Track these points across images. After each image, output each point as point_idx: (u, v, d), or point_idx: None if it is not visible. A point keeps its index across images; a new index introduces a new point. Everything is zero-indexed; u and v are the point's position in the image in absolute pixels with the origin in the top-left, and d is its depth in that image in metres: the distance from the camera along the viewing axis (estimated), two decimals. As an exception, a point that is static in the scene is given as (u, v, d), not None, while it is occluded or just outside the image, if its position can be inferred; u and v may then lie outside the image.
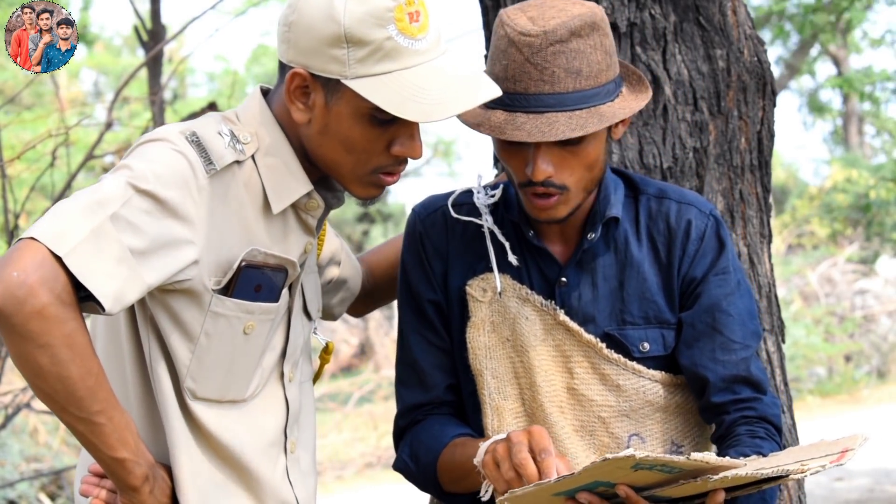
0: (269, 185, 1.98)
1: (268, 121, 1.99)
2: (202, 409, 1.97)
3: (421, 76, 1.90)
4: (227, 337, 1.95)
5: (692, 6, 2.69)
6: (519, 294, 2.22)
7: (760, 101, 2.75)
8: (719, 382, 2.18)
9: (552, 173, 2.07)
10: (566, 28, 2.03)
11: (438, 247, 2.28)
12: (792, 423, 2.75)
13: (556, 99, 2.03)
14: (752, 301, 2.24)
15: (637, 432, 2.22)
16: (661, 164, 2.64)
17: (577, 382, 2.21)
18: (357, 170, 1.97)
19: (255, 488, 2.03)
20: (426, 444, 2.25)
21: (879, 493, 8.06)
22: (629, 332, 2.21)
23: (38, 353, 1.72)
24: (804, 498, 2.74)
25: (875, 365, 13.99)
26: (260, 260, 1.95)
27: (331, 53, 1.89)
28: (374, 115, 1.91)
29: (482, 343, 2.23)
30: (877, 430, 10.45)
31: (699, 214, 2.23)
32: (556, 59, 2.03)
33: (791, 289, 14.30)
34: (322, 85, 1.92)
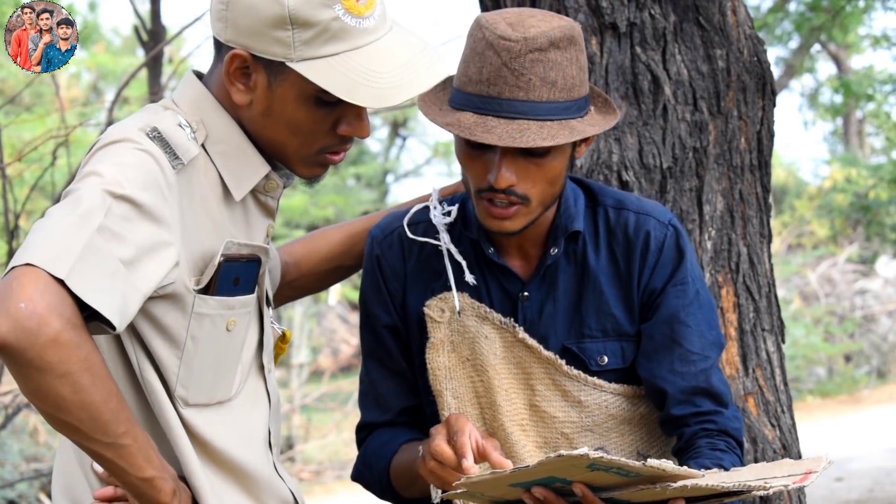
0: (225, 172, 1.90)
1: (211, 106, 1.90)
2: (193, 415, 1.90)
3: (371, 58, 1.83)
4: (212, 337, 1.88)
5: (692, 6, 2.69)
6: (478, 313, 2.20)
7: (760, 101, 2.75)
8: (678, 394, 2.15)
9: (515, 182, 2.04)
10: (546, 37, 2.01)
11: (395, 269, 2.25)
12: (792, 423, 2.75)
13: (530, 107, 2.01)
14: (712, 311, 2.22)
15: (601, 446, 2.20)
16: (660, 164, 2.64)
17: (539, 399, 2.19)
18: (302, 151, 1.90)
19: (254, 489, 1.98)
20: (377, 451, 2.25)
21: (879, 493, 8.06)
22: (587, 346, 2.19)
23: (59, 383, 1.62)
24: (804, 498, 2.74)
25: (875, 365, 13.99)
26: (235, 252, 1.87)
27: (274, 35, 1.81)
28: (320, 97, 1.84)
29: (442, 364, 2.21)
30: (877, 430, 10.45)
31: (658, 225, 2.20)
32: (534, 67, 2.01)
33: (791, 289, 14.29)
34: (264, 66, 1.84)
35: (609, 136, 2.64)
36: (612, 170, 2.62)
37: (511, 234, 2.10)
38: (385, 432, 2.27)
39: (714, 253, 2.66)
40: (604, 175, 2.62)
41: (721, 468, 2.02)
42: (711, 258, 2.66)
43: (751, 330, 2.69)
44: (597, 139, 2.63)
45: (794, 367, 12.66)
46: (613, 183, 2.62)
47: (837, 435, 10.38)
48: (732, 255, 2.68)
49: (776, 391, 2.71)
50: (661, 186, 2.64)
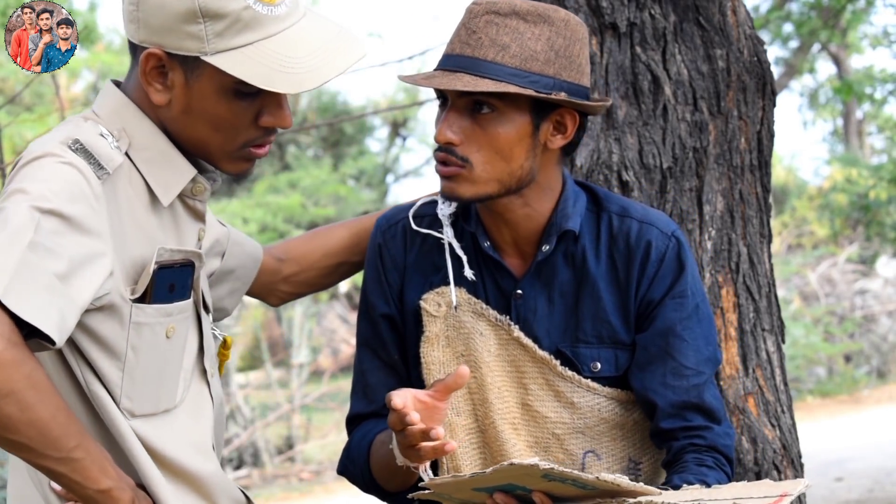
0: (151, 178, 1.87)
1: (131, 113, 1.88)
2: (141, 426, 1.86)
3: (285, 44, 1.82)
4: (152, 346, 1.86)
5: (692, 6, 2.69)
6: (474, 308, 2.19)
7: (760, 101, 2.75)
8: (668, 408, 2.14)
9: (455, 140, 2.06)
10: (510, 5, 2.05)
11: (396, 260, 2.25)
12: (792, 423, 2.75)
13: (473, 63, 2.04)
14: (710, 326, 2.20)
15: (592, 449, 2.19)
16: (661, 164, 2.64)
17: (532, 399, 2.18)
18: (226, 146, 1.88)
19: (210, 494, 1.95)
20: (358, 444, 2.25)
21: (879, 493, 8.05)
22: (581, 351, 2.18)
23: (4, 403, 1.60)
24: (804, 498, 2.74)
25: (875, 365, 13.99)
26: (168, 258, 1.85)
27: (187, 30, 1.79)
28: (238, 89, 1.82)
29: (436, 358, 2.20)
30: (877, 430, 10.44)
31: (660, 235, 2.19)
32: (487, 28, 2.04)
33: (791, 289, 14.29)
34: (180, 63, 1.82)
35: (609, 136, 2.64)
36: (612, 170, 2.62)
37: (459, 200, 2.10)
38: (368, 423, 2.26)
39: (714, 253, 2.66)
40: (604, 175, 2.62)
41: (704, 484, 2.00)
42: (711, 258, 2.66)
43: (751, 330, 2.69)
44: (597, 139, 2.63)
45: (794, 367, 12.66)
46: (613, 183, 2.62)
47: (837, 435, 10.38)
48: (732, 255, 2.68)
49: (776, 391, 2.71)
50: (661, 186, 2.64)
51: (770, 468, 2.62)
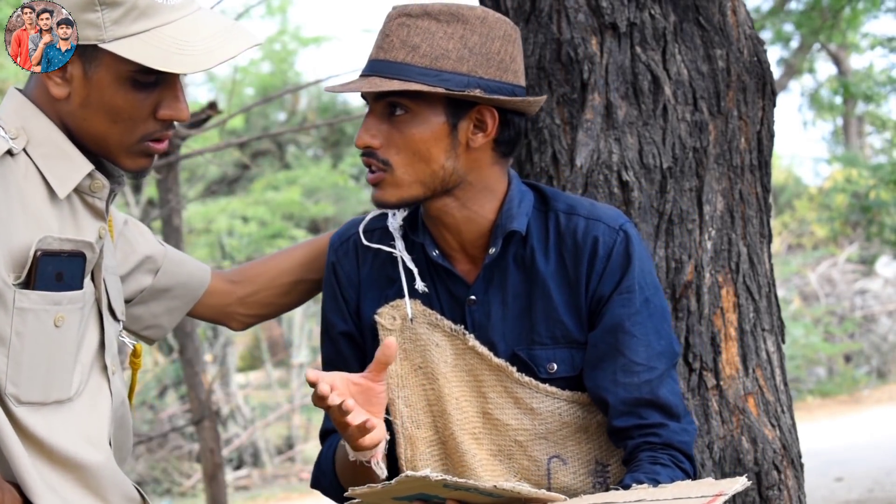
0: (47, 171, 1.90)
1: (29, 112, 1.92)
2: (28, 414, 1.86)
3: (181, 30, 1.86)
4: (38, 333, 1.85)
5: (692, 6, 2.69)
6: (429, 320, 2.18)
7: (760, 101, 2.75)
8: (620, 406, 2.11)
9: (373, 143, 2.07)
10: (422, 7, 2.06)
11: (350, 276, 2.25)
12: (792, 423, 2.75)
13: (385, 65, 2.05)
14: (662, 320, 2.18)
15: (557, 454, 2.17)
16: (660, 164, 2.64)
17: (492, 407, 2.17)
18: (125, 140, 1.91)
19: (97, 486, 1.93)
20: (326, 457, 2.25)
21: (879, 493, 8.06)
22: (537, 353, 2.16)
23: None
24: (804, 498, 2.74)
25: (875, 365, 14.00)
26: (55, 247, 1.86)
27: (84, 18, 1.83)
28: (136, 78, 1.86)
29: (393, 372, 2.18)
30: (877, 430, 10.45)
31: (607, 230, 2.17)
32: (399, 31, 2.06)
33: (791, 289, 14.30)
34: (79, 54, 1.85)
35: (609, 136, 2.64)
36: (612, 170, 2.62)
37: (384, 205, 2.11)
38: (334, 437, 2.27)
39: (714, 253, 2.66)
40: (604, 175, 2.62)
41: (655, 483, 1.98)
42: (711, 258, 2.66)
43: (751, 330, 2.69)
44: (597, 139, 2.63)
45: (794, 367, 12.66)
46: (613, 183, 2.62)
47: (837, 435, 10.38)
48: (732, 255, 2.68)
49: (776, 391, 2.71)
50: (661, 186, 2.64)
51: (770, 468, 2.62)
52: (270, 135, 6.72)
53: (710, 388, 2.62)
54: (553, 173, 2.66)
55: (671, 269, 2.62)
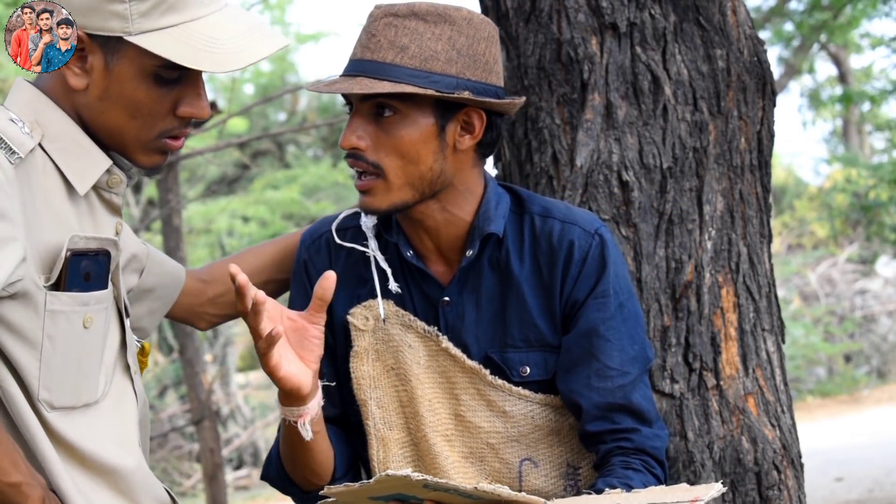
0: (66, 168, 1.84)
1: (44, 104, 1.85)
2: (59, 419, 1.81)
3: (210, 27, 1.80)
4: (69, 335, 1.81)
5: (692, 6, 2.69)
6: (402, 321, 2.16)
7: (760, 101, 2.75)
8: (593, 410, 2.10)
9: (360, 145, 2.04)
10: (409, 7, 2.04)
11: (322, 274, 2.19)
12: (792, 423, 2.75)
13: (372, 66, 2.02)
14: (637, 325, 2.17)
15: (529, 457, 2.16)
16: (661, 164, 2.64)
17: (464, 409, 2.15)
18: (142, 135, 1.85)
19: (129, 490, 1.89)
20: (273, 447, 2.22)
21: (879, 493, 8.06)
22: (510, 356, 2.14)
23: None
24: (804, 498, 2.74)
25: (875, 365, 14.00)
26: (83, 246, 1.81)
27: (111, 9, 1.77)
28: (159, 73, 1.81)
29: (366, 373, 2.17)
30: (877, 430, 10.45)
31: (583, 234, 2.16)
32: (386, 31, 2.03)
33: (791, 289, 14.30)
34: (101, 45, 1.80)
35: (609, 136, 2.64)
36: (612, 170, 2.62)
37: (376, 212, 2.09)
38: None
39: (714, 253, 2.66)
40: (604, 175, 2.62)
41: (628, 488, 1.98)
42: (711, 258, 2.66)
43: (751, 330, 2.69)
44: (597, 139, 2.63)
45: (794, 367, 12.66)
46: (613, 183, 2.62)
47: (837, 435, 10.38)
48: (732, 255, 2.68)
49: (776, 391, 2.71)
50: (661, 186, 2.64)
51: (770, 468, 2.62)
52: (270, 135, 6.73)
53: (710, 388, 2.62)
54: (553, 173, 2.65)
55: (671, 269, 2.62)
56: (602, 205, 2.62)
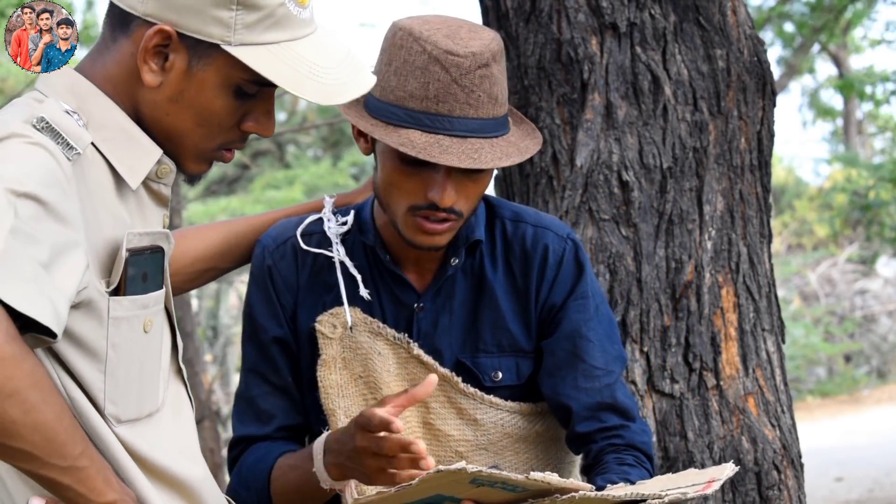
0: (115, 159, 1.71)
1: (87, 90, 1.72)
2: (126, 432, 1.69)
3: (311, 50, 1.71)
4: (132, 342, 1.70)
5: (692, 6, 2.69)
6: (370, 328, 2.13)
7: (760, 101, 2.76)
8: (583, 411, 2.10)
9: (456, 200, 2.01)
10: (489, 52, 1.98)
11: (288, 281, 2.17)
12: (792, 423, 2.75)
13: (479, 124, 1.98)
14: (612, 325, 2.18)
15: (496, 464, 2.14)
16: (661, 164, 2.64)
17: (433, 417, 2.14)
18: (202, 144, 1.75)
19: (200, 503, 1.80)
20: (253, 470, 2.15)
21: (879, 493, 8.06)
22: (482, 361, 2.14)
23: (7, 405, 1.43)
24: (804, 498, 2.74)
25: (875, 365, 14.01)
26: (137, 244, 1.68)
27: (215, 14, 1.66)
28: (242, 87, 1.71)
29: (333, 381, 2.13)
30: (877, 430, 10.45)
31: (556, 238, 2.15)
32: (482, 84, 1.97)
33: (791, 289, 14.30)
34: (188, 47, 1.68)
35: (609, 136, 2.64)
36: (612, 170, 2.62)
37: (439, 248, 2.06)
38: (261, 447, 2.17)
39: (714, 253, 2.66)
40: (604, 175, 2.62)
41: (628, 482, 1.98)
42: (711, 258, 2.66)
43: (751, 330, 2.69)
44: (597, 139, 2.63)
45: (794, 367, 12.67)
46: (613, 183, 2.62)
47: (837, 435, 10.38)
48: (732, 255, 2.69)
49: (776, 391, 2.71)
50: (661, 186, 2.64)
51: (770, 468, 2.62)
52: (270, 135, 6.73)
53: (710, 388, 2.63)
54: (553, 173, 2.66)
55: (671, 269, 2.62)
56: (602, 205, 2.62)
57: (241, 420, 2.21)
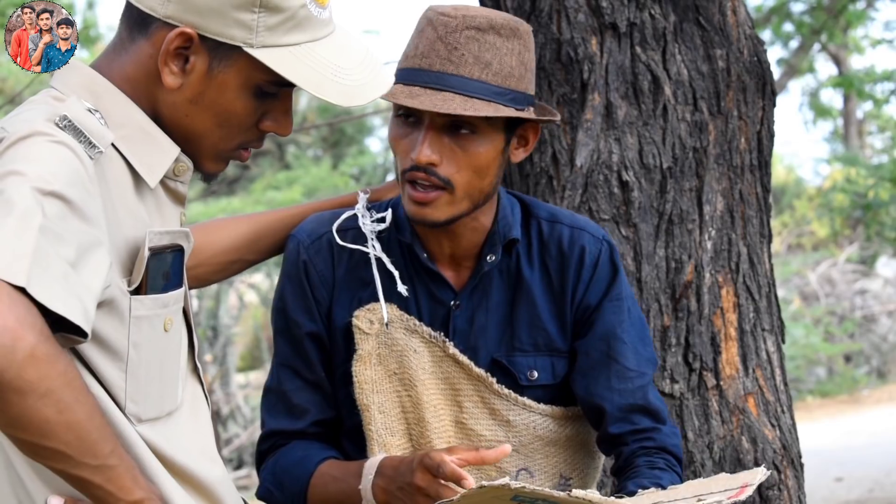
0: (133, 157, 1.71)
1: (104, 87, 1.72)
2: (147, 431, 1.70)
3: (332, 52, 1.72)
4: (152, 341, 1.70)
5: (692, 6, 2.69)
6: (407, 325, 2.13)
7: (760, 101, 2.76)
8: (616, 412, 2.11)
9: (437, 161, 2.00)
10: (487, 20, 2.00)
11: (324, 276, 2.16)
12: (792, 423, 2.75)
13: (459, 81, 1.98)
14: (643, 328, 2.19)
15: (525, 466, 2.15)
16: (660, 164, 2.64)
17: (466, 417, 2.14)
18: (221, 144, 1.76)
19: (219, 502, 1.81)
20: (291, 472, 2.15)
21: (879, 493, 8.06)
22: (518, 360, 2.14)
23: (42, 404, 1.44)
24: (804, 498, 2.74)
25: (875, 365, 14.00)
26: (157, 242, 1.69)
27: (237, 17, 1.66)
28: (262, 87, 1.71)
29: (368, 377, 2.13)
30: (877, 430, 10.45)
31: (592, 240, 2.16)
32: (469, 44, 1.99)
33: (791, 289, 14.30)
34: (209, 49, 1.68)
35: (609, 136, 2.64)
36: (612, 170, 2.63)
37: (434, 224, 2.05)
38: (297, 447, 2.17)
39: (714, 253, 2.66)
40: (604, 175, 2.62)
41: (659, 487, 1.98)
42: (711, 258, 2.66)
43: (751, 330, 2.69)
44: (597, 139, 2.63)
45: (794, 367, 12.66)
46: (613, 183, 2.62)
47: (837, 435, 10.38)
48: (732, 255, 2.69)
49: (776, 391, 2.71)
50: (661, 186, 2.64)
51: (770, 468, 2.62)
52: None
53: (710, 388, 2.63)
54: (553, 173, 2.66)
55: (671, 269, 2.63)
56: (602, 205, 2.62)
57: (272, 414, 2.20)
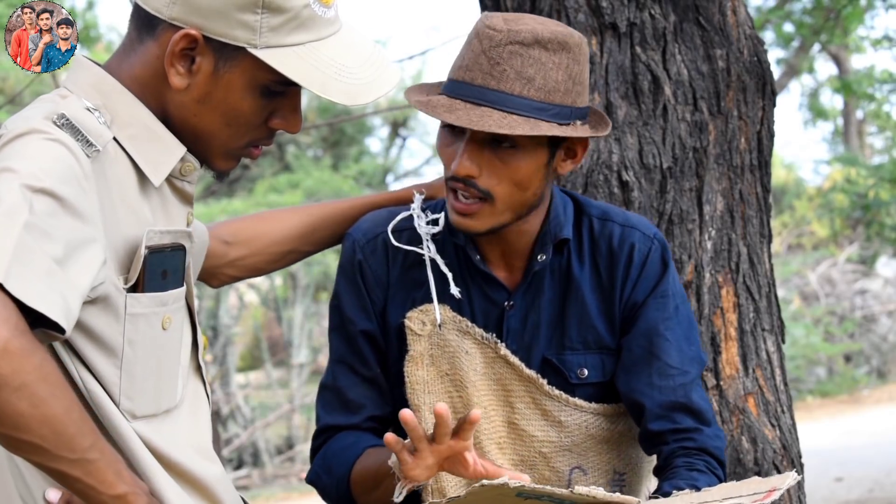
0: (139, 156, 1.72)
1: (112, 87, 1.74)
2: (142, 428, 1.72)
3: (336, 51, 1.73)
4: (149, 339, 1.71)
5: (692, 6, 2.69)
6: (459, 327, 2.14)
7: (760, 101, 2.76)
8: (656, 409, 2.10)
9: (476, 173, 2.00)
10: (532, 34, 1.98)
11: (379, 276, 2.18)
12: (792, 423, 2.75)
13: (498, 97, 1.97)
14: (691, 328, 2.18)
15: (579, 465, 2.16)
16: (660, 164, 2.64)
17: (518, 417, 2.15)
18: (231, 143, 1.77)
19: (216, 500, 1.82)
20: (339, 456, 2.18)
21: (879, 493, 8.06)
22: (568, 358, 2.15)
23: (16, 398, 1.45)
24: (804, 498, 2.74)
25: (875, 365, 14.00)
26: (157, 241, 1.70)
27: (240, 18, 1.67)
28: (269, 87, 1.73)
29: (420, 377, 2.15)
30: (877, 430, 10.45)
31: (642, 238, 2.17)
32: (511, 59, 1.98)
33: (791, 289, 14.30)
34: (214, 50, 1.70)
35: (609, 136, 2.64)
36: (612, 170, 2.63)
37: (475, 234, 2.06)
38: (349, 435, 2.19)
39: (714, 253, 2.66)
40: (604, 175, 2.62)
41: (695, 489, 1.97)
42: (711, 258, 2.66)
43: (751, 330, 2.69)
44: (596, 141, 2.63)
45: (794, 367, 12.66)
46: (613, 183, 2.62)
47: (837, 435, 10.38)
48: (732, 255, 2.69)
49: (776, 391, 2.71)
50: (661, 186, 2.64)
51: (770, 468, 2.62)
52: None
53: (710, 388, 2.63)
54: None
55: (671, 269, 2.63)
56: (602, 205, 2.62)
57: (327, 410, 2.23)
